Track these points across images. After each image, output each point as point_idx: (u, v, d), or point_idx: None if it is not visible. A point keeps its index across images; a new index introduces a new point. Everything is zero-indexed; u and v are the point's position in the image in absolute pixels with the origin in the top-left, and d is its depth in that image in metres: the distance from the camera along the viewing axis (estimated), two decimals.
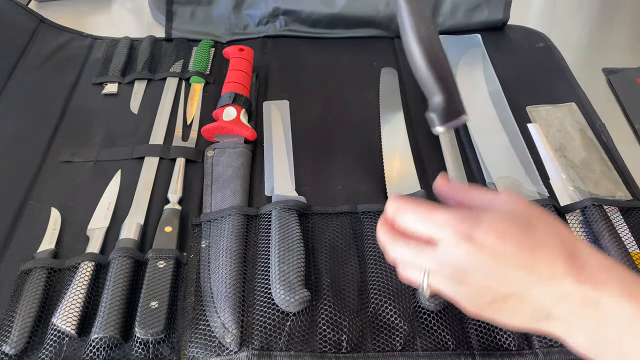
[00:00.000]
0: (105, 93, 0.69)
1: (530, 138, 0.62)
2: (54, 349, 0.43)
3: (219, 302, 0.45)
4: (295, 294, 0.44)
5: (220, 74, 0.71)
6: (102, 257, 0.50)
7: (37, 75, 0.71)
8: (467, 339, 0.44)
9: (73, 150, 0.61)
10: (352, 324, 0.44)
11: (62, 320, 0.44)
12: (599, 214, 0.51)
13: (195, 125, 0.64)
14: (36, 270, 0.48)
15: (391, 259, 0.38)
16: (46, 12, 0.81)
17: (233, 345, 0.43)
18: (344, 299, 0.46)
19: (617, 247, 0.48)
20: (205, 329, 0.44)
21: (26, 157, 0.60)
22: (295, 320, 0.44)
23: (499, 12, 0.78)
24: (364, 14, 0.76)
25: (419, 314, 0.45)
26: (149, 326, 0.43)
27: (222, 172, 0.57)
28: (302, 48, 0.76)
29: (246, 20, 0.79)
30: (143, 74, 0.71)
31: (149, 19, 0.84)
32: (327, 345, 0.43)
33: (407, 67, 0.73)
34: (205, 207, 0.54)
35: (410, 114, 0.65)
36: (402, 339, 0.43)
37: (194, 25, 0.79)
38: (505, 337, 0.44)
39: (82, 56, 0.75)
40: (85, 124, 0.65)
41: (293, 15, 0.77)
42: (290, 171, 0.58)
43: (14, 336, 0.44)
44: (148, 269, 0.48)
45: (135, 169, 0.59)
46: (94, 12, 0.86)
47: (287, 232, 0.49)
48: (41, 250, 0.51)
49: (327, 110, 0.66)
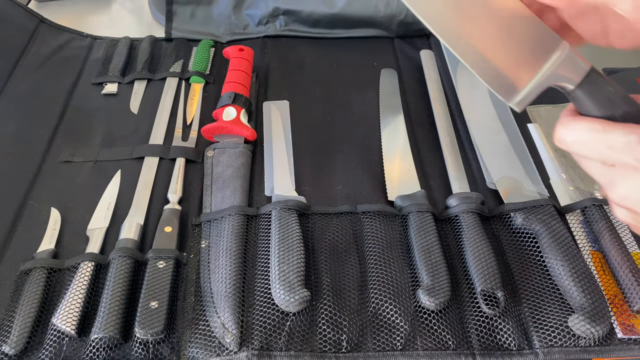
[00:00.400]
0: (105, 93, 0.69)
1: (530, 138, 0.62)
2: (54, 349, 0.43)
3: (218, 302, 0.45)
4: (295, 293, 0.44)
5: (220, 74, 0.71)
6: (102, 257, 0.50)
7: (37, 75, 0.71)
8: (467, 339, 0.44)
9: (73, 150, 0.61)
10: (352, 323, 0.44)
11: (62, 320, 0.44)
12: (599, 214, 0.51)
13: (195, 125, 0.64)
14: (36, 271, 0.48)
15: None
16: (46, 12, 0.81)
17: (233, 345, 0.43)
18: (344, 298, 0.46)
19: (617, 247, 0.48)
20: (205, 329, 0.44)
21: (26, 157, 0.60)
22: (295, 320, 0.44)
23: None
24: (364, 13, 0.76)
25: (419, 314, 0.45)
26: (148, 326, 0.43)
27: (222, 172, 0.57)
28: (302, 48, 0.76)
29: (246, 20, 0.79)
30: (143, 74, 0.71)
31: (148, 19, 0.83)
32: (327, 345, 0.43)
33: (407, 67, 0.73)
34: (205, 207, 0.54)
35: (410, 114, 0.65)
36: (403, 338, 0.43)
37: (194, 25, 0.79)
38: (506, 336, 0.44)
39: (82, 56, 0.74)
40: (85, 124, 0.65)
41: (293, 15, 0.77)
42: (290, 171, 0.58)
43: (14, 336, 0.44)
44: (148, 269, 0.48)
45: (135, 169, 0.59)
46: (94, 12, 0.85)
47: (287, 232, 0.49)
48: (41, 250, 0.51)
49: (327, 110, 0.66)
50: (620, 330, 0.44)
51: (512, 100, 0.30)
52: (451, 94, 0.67)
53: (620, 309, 0.45)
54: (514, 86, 0.30)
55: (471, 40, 0.30)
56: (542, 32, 0.30)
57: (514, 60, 0.30)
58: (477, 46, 0.30)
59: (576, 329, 0.43)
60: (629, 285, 0.45)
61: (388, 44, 0.77)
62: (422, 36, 0.77)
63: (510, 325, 0.44)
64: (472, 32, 0.30)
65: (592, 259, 0.49)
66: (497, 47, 0.30)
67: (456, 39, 0.30)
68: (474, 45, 0.30)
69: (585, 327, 0.42)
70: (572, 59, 0.30)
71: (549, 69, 0.30)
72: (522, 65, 0.30)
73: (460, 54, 0.30)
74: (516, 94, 0.30)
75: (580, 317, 0.43)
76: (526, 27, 0.30)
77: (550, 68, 0.30)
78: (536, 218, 0.50)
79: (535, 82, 0.30)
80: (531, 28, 0.30)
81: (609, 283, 0.47)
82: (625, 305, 0.45)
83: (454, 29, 0.30)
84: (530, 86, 0.30)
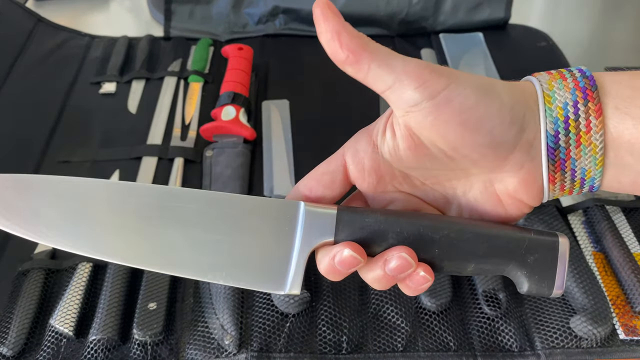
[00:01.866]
0: (103, 92, 0.68)
1: None
2: (52, 350, 0.43)
3: (217, 304, 0.45)
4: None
5: (219, 73, 0.71)
6: None
7: (35, 74, 0.70)
8: (468, 340, 0.44)
9: (71, 151, 0.61)
10: (353, 324, 0.44)
11: (60, 321, 0.44)
12: (601, 214, 0.50)
13: (194, 124, 0.64)
14: (34, 271, 0.48)
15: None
16: (44, 11, 0.81)
17: (232, 347, 0.42)
18: (344, 299, 0.46)
19: (620, 248, 0.47)
20: (204, 330, 0.44)
21: (24, 157, 0.60)
22: (295, 321, 0.44)
23: (500, 10, 0.77)
24: (364, 12, 0.76)
25: (420, 314, 0.45)
26: (147, 327, 0.43)
27: (221, 172, 0.56)
28: (302, 47, 0.75)
29: (245, 19, 0.78)
30: (141, 73, 0.71)
31: (147, 18, 0.83)
32: (327, 346, 0.43)
33: None
34: None
35: None
36: (404, 339, 0.43)
37: (193, 24, 0.78)
38: (507, 338, 0.43)
39: (79, 55, 0.74)
40: (83, 123, 0.64)
41: (292, 13, 0.77)
42: (289, 171, 0.58)
43: (12, 337, 0.43)
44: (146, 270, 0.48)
45: (133, 169, 0.58)
46: (92, 11, 0.85)
47: None
48: (39, 251, 0.50)
49: (327, 110, 0.66)
50: (623, 332, 0.43)
51: (285, 290, 0.27)
52: None
53: (622, 310, 0.45)
54: (280, 277, 0.27)
55: (215, 259, 0.27)
56: (274, 210, 0.28)
57: (262, 255, 0.27)
58: (220, 263, 0.27)
59: (578, 330, 0.43)
60: (631, 286, 0.45)
61: (388, 42, 0.76)
62: (422, 35, 0.77)
63: (512, 327, 0.44)
64: (209, 251, 0.27)
65: (594, 260, 0.48)
66: (239, 252, 0.27)
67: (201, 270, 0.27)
68: (217, 263, 0.27)
69: (587, 328, 0.42)
70: (316, 215, 0.27)
71: (300, 241, 0.27)
72: (273, 254, 0.27)
73: (214, 278, 0.27)
74: (286, 284, 0.27)
75: (582, 318, 0.43)
76: (255, 216, 0.27)
77: (302, 239, 0.27)
78: (538, 219, 0.50)
79: (296, 262, 0.27)
80: (262, 213, 0.28)
81: (611, 284, 0.46)
82: (628, 307, 0.45)
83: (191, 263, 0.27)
84: (290, 269, 0.27)
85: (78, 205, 0.27)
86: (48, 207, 0.27)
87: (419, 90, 0.25)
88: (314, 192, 0.29)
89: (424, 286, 0.27)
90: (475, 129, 0.25)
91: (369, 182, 0.29)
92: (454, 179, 0.29)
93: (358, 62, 0.26)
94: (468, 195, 0.29)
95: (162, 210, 0.27)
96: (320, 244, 0.28)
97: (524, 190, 0.27)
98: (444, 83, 0.25)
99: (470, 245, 0.27)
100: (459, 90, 0.25)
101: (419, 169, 0.28)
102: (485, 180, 0.28)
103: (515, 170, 0.27)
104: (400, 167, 0.28)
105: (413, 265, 0.27)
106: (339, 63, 0.27)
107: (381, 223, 0.27)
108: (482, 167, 0.27)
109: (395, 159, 0.28)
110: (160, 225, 0.27)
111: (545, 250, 0.27)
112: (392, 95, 0.26)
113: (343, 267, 0.27)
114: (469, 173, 0.28)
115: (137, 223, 0.27)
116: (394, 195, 0.30)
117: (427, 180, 0.29)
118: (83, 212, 0.27)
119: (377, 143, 0.28)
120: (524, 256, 0.27)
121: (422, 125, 0.26)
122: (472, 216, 0.30)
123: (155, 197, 0.27)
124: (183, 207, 0.27)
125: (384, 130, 0.28)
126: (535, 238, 0.27)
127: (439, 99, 0.25)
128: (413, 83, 0.25)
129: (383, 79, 0.26)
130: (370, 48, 0.26)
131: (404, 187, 0.30)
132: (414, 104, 0.25)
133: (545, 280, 0.27)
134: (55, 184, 0.28)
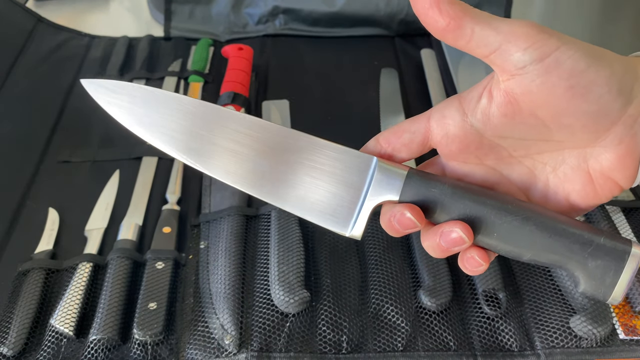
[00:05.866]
0: None
1: None
2: (52, 350, 0.43)
3: (217, 304, 0.45)
4: (294, 294, 0.44)
5: (219, 73, 0.71)
6: (100, 258, 0.49)
7: (35, 74, 0.70)
8: (468, 340, 0.44)
9: (71, 150, 0.61)
10: (353, 324, 0.44)
11: (60, 321, 0.44)
12: (600, 214, 0.50)
13: None
14: (34, 271, 0.48)
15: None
16: (44, 11, 0.81)
17: (232, 347, 0.42)
18: (344, 299, 0.46)
19: None
20: (204, 330, 0.44)
21: (24, 157, 0.60)
22: (295, 321, 0.44)
23: (500, 11, 0.77)
24: (364, 12, 0.76)
25: (420, 314, 0.45)
26: (147, 327, 0.43)
27: None
28: (302, 47, 0.75)
29: (245, 19, 0.78)
30: (141, 73, 0.71)
31: (147, 18, 0.83)
32: (327, 346, 0.43)
33: (407, 66, 0.73)
34: (204, 207, 0.54)
35: (411, 114, 0.65)
36: (404, 339, 0.43)
37: (193, 24, 0.78)
38: (507, 337, 0.43)
39: (80, 55, 0.74)
40: (83, 123, 0.64)
41: (293, 13, 0.77)
42: None
43: (12, 337, 0.43)
44: (146, 270, 0.48)
45: (133, 169, 0.58)
46: (92, 11, 0.85)
47: (287, 232, 0.49)
48: (39, 251, 0.50)
49: (327, 110, 0.66)
50: (622, 331, 0.43)
51: (348, 233, 0.30)
52: (452, 94, 0.67)
53: (622, 310, 0.45)
54: (345, 220, 0.30)
55: (293, 191, 0.30)
56: (349, 160, 0.31)
57: (333, 197, 0.30)
58: (298, 195, 0.30)
59: (578, 330, 0.43)
60: (631, 286, 0.45)
61: (388, 43, 0.77)
62: (422, 35, 0.77)
63: (512, 326, 0.44)
64: (291, 184, 0.31)
65: None
66: (314, 190, 0.30)
67: (282, 198, 0.31)
68: (295, 195, 0.30)
69: (587, 328, 0.42)
70: (386, 172, 0.29)
71: (367, 193, 0.30)
72: (343, 199, 0.30)
73: (291, 208, 0.31)
74: (349, 227, 0.30)
75: (582, 318, 0.43)
76: (332, 162, 0.31)
77: (369, 191, 0.30)
78: None
79: (361, 212, 0.30)
80: (338, 161, 0.31)
81: None
82: (628, 306, 0.45)
83: (275, 191, 0.31)
84: (355, 215, 0.30)
85: (201, 125, 0.31)
86: (171, 120, 0.31)
87: (528, 51, 0.24)
88: (391, 145, 0.31)
89: (478, 269, 0.28)
90: (583, 95, 0.24)
91: (451, 149, 0.28)
92: (546, 151, 0.27)
93: (460, 27, 0.25)
94: (557, 171, 0.28)
95: (275, 146, 0.31)
96: (385, 200, 0.29)
97: (620, 167, 0.26)
98: (554, 44, 0.24)
99: (531, 237, 0.26)
100: (570, 52, 0.24)
101: (511, 138, 0.27)
102: (579, 155, 0.27)
103: (613, 145, 0.25)
104: (492, 136, 0.27)
105: (467, 242, 0.27)
106: (439, 31, 0.26)
107: (446, 195, 0.27)
108: (579, 139, 0.26)
109: (489, 127, 0.27)
110: (268, 160, 0.31)
111: (611, 259, 0.26)
112: (498, 59, 0.25)
113: (401, 226, 0.28)
114: (563, 146, 0.27)
115: (250, 152, 0.31)
116: (473, 168, 0.29)
117: (516, 151, 0.28)
118: (204, 133, 0.31)
119: (468, 110, 0.27)
120: (585, 260, 0.26)
121: (528, 89, 0.25)
122: (558, 196, 0.28)
123: (274, 134, 0.31)
124: (291, 146, 0.31)
125: (479, 97, 0.27)
126: (603, 244, 0.26)
127: (548, 61, 0.24)
128: (522, 44, 0.24)
129: (488, 42, 0.25)
130: (471, 12, 0.25)
131: (488, 158, 0.29)
132: (522, 66, 0.24)
133: (603, 287, 0.26)
134: (184, 103, 0.31)
